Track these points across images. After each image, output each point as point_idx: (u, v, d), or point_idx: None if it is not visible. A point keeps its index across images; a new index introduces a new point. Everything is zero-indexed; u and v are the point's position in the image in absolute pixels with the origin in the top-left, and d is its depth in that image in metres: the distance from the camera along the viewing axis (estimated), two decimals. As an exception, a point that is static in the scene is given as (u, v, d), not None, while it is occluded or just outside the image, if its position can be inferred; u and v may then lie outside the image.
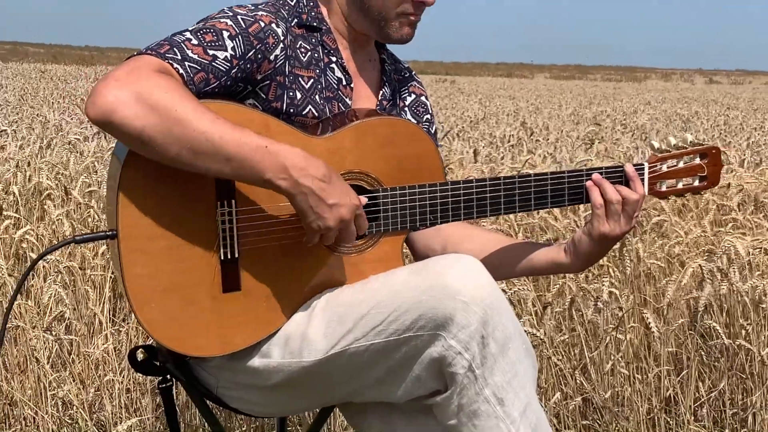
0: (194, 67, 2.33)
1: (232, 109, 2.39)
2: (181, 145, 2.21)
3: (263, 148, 2.24)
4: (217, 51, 2.37)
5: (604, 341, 4.17)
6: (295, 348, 2.44)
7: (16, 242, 4.81)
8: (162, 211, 2.33)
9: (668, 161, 2.79)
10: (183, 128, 2.19)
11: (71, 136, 9.33)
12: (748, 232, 5.17)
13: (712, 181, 2.85)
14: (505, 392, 2.32)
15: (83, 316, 4.31)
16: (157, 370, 2.65)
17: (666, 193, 2.81)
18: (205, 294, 2.41)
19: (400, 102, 2.85)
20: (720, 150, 2.85)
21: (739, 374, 4.17)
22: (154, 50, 2.31)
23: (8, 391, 4.04)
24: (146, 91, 2.19)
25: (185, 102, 2.21)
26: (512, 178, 2.64)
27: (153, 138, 2.20)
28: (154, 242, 2.35)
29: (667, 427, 4.14)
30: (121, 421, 4.00)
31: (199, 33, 2.37)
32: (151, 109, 2.18)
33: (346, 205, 2.33)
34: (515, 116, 21.06)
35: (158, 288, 2.36)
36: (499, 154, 9.68)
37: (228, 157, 2.22)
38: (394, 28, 2.63)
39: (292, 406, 2.73)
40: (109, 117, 2.18)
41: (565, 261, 2.73)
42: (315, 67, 2.59)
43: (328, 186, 2.29)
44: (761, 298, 4.15)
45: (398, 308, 2.31)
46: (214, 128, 2.21)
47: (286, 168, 2.25)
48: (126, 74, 2.23)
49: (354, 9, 2.64)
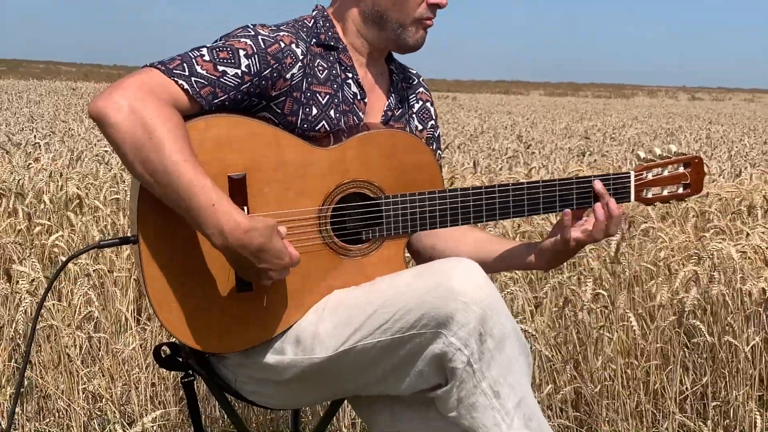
0: (201, 82, 2.33)
1: (240, 122, 2.40)
2: (144, 168, 2.23)
3: (211, 206, 2.23)
4: (227, 67, 2.36)
5: (594, 338, 4.16)
6: (307, 345, 2.44)
7: (49, 247, 4.81)
8: (180, 219, 2.33)
9: (653, 170, 2.78)
10: (151, 154, 2.21)
11: (99, 149, 9.33)
12: (728, 238, 5.16)
13: (696, 188, 2.84)
14: (501, 386, 2.33)
15: (111, 315, 4.31)
16: (180, 366, 2.66)
17: (652, 200, 2.80)
18: (220, 295, 2.41)
19: (409, 109, 2.85)
20: (702, 159, 2.85)
21: (721, 370, 4.16)
22: (164, 66, 2.32)
23: (42, 385, 4.04)
24: (141, 108, 2.22)
25: (166, 132, 2.22)
26: (506, 185, 2.63)
27: (126, 152, 2.23)
28: (172, 248, 2.36)
29: (653, 418, 4.13)
30: (146, 413, 4.00)
31: (215, 50, 2.38)
32: (137, 127, 2.20)
33: (277, 270, 2.33)
34: (512, 130, 21.06)
35: (177, 290, 2.37)
36: (497, 166, 9.69)
37: (179, 198, 2.23)
38: (410, 33, 2.63)
39: (304, 399, 2.73)
40: (102, 118, 2.22)
41: (535, 263, 2.74)
42: (332, 83, 2.59)
43: (262, 254, 2.28)
44: (743, 298, 4.15)
45: (403, 308, 2.31)
46: (177, 167, 2.21)
47: (223, 231, 2.23)
48: (135, 87, 2.25)
49: (370, 24, 2.64)
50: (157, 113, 2.22)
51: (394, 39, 2.65)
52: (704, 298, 4.22)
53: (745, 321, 4.14)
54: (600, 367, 4.13)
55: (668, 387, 4.11)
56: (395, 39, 2.65)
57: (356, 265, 2.55)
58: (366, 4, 2.62)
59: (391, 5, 2.59)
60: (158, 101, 2.25)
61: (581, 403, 4.17)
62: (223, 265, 2.39)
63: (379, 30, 2.64)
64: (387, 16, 2.61)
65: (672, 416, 4.06)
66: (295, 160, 2.43)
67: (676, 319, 4.18)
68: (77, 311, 4.17)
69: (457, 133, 18.62)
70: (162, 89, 2.28)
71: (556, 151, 13.66)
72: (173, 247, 2.36)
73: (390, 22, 2.62)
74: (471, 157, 11.05)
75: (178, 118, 2.27)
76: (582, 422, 4.14)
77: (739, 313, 4.15)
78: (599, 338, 4.15)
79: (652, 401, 4.14)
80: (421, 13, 2.62)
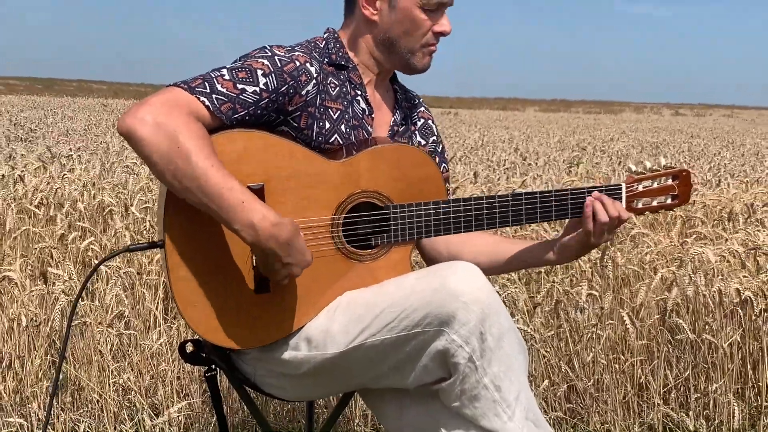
0: (221, 99, 2.34)
1: (258, 137, 2.41)
2: (174, 177, 2.24)
3: (240, 203, 2.25)
4: (246, 86, 2.38)
5: (586, 336, 4.16)
6: (320, 342, 2.45)
7: (82, 251, 4.82)
8: (203, 225, 2.35)
9: (644, 182, 2.79)
10: (180, 163, 2.22)
11: (129, 160, 9.33)
12: (710, 243, 5.16)
13: (683, 199, 2.84)
14: (501, 380, 2.33)
15: (140, 314, 4.32)
16: (203, 361, 2.66)
17: (642, 209, 2.80)
18: (240, 296, 2.43)
19: (412, 126, 2.87)
20: (690, 172, 2.85)
21: (702, 365, 4.16)
22: (187, 85, 2.34)
23: (76, 378, 4.05)
24: (166, 122, 2.23)
25: (192, 141, 2.23)
26: (505, 196, 2.64)
27: (156, 162, 2.24)
28: (196, 252, 2.37)
29: (639, 409, 4.13)
30: (172, 404, 4.00)
31: (234, 71, 2.40)
32: (163, 139, 2.22)
33: (300, 266, 2.35)
34: (509, 143, 21.01)
35: (200, 290, 2.38)
36: (496, 176, 9.67)
37: (209, 200, 2.24)
38: (418, 59, 2.68)
39: (318, 391, 2.74)
40: (130, 133, 2.23)
41: (552, 259, 2.77)
42: (343, 99, 2.61)
43: (288, 248, 2.29)
44: (722, 299, 4.15)
45: (408, 308, 2.32)
46: (205, 172, 2.23)
47: (253, 225, 2.25)
48: (159, 104, 2.26)
49: (382, 48, 2.67)
50: (182, 125, 2.24)
51: (404, 63, 2.69)
52: (685, 298, 4.22)
53: (723, 319, 4.14)
54: (591, 363, 4.13)
55: (653, 380, 4.11)
56: (405, 63, 2.69)
57: (365, 269, 2.56)
58: (379, 32, 2.65)
59: (402, 33, 2.63)
60: (182, 115, 2.26)
61: (573, 395, 4.16)
62: (243, 269, 2.41)
63: (389, 54, 2.68)
64: (397, 43, 2.65)
65: (657, 407, 4.06)
66: (309, 172, 2.44)
67: (660, 317, 4.18)
68: (109, 310, 4.18)
69: (458, 146, 18.57)
70: (185, 105, 2.30)
71: (550, 163, 13.63)
72: (197, 251, 2.37)
73: (400, 48, 2.65)
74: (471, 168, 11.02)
75: (201, 129, 2.29)
76: (574, 413, 4.14)
77: (718, 312, 4.15)
78: (590, 336, 4.16)
79: (638, 394, 4.15)
80: (427, 40, 2.66)
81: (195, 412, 4.04)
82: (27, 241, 5.12)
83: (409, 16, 2.61)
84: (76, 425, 3.97)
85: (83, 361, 4.08)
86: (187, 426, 4.03)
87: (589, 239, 2.67)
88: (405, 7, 2.61)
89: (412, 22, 2.62)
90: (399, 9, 2.61)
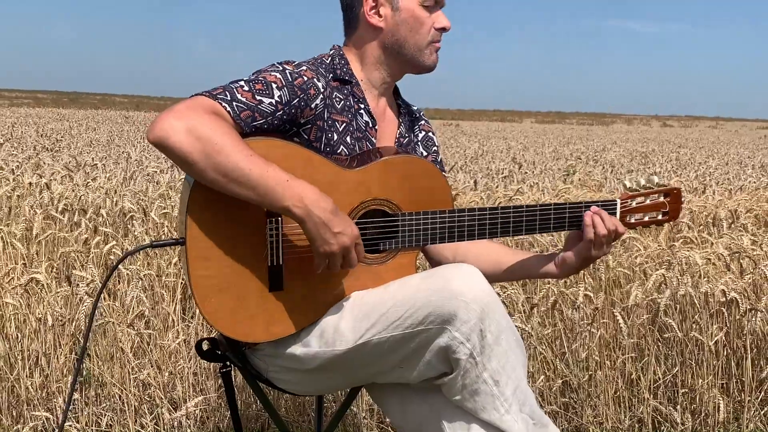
0: (241, 107, 2.35)
1: (279, 145, 2.42)
2: (217, 172, 2.24)
3: (284, 181, 2.27)
4: (264, 97, 2.39)
5: (580, 335, 4.16)
6: (329, 339, 2.45)
7: (105, 254, 4.82)
8: (221, 225, 2.36)
9: (637, 198, 2.79)
10: (220, 157, 2.23)
11: (149, 169, 9.36)
12: (696, 247, 5.16)
13: (673, 216, 2.84)
14: (500, 375, 2.34)
15: (159, 314, 4.32)
16: (218, 358, 2.67)
17: (634, 224, 2.80)
18: (254, 292, 2.43)
19: (414, 138, 2.87)
20: (681, 191, 2.85)
21: (689, 361, 4.15)
22: (209, 93, 2.35)
23: (99, 374, 4.05)
24: (195, 125, 2.23)
25: (225, 137, 2.24)
26: (507, 208, 2.65)
27: (195, 162, 2.24)
28: (214, 250, 2.37)
29: (630, 403, 4.12)
30: (189, 399, 4.00)
31: (251, 82, 2.40)
32: (197, 140, 2.22)
33: (348, 235, 2.34)
34: (507, 153, 21.03)
35: (217, 286, 2.39)
36: (494, 184, 9.67)
37: (254, 185, 2.25)
38: (426, 55, 2.68)
39: (327, 386, 2.73)
40: (164, 141, 2.23)
41: (555, 272, 2.74)
42: (347, 112, 2.61)
43: (335, 218, 2.31)
44: (708, 299, 4.14)
45: (412, 307, 2.32)
46: (245, 161, 2.24)
47: (302, 198, 2.27)
48: (184, 110, 2.27)
49: (390, 53, 2.68)
50: (211, 125, 2.25)
51: (414, 62, 2.69)
52: (674, 298, 4.22)
53: (709, 319, 4.14)
54: (584, 360, 4.12)
55: (643, 376, 4.10)
56: (414, 62, 2.69)
57: (373, 271, 2.56)
58: (386, 36, 2.66)
59: (408, 32, 2.64)
60: (208, 115, 2.27)
61: (568, 390, 4.16)
62: (259, 267, 2.42)
63: (398, 56, 2.68)
64: (406, 43, 2.65)
65: (646, 402, 4.05)
66: (324, 179, 2.44)
67: (650, 317, 4.17)
68: (130, 310, 4.18)
69: (459, 155, 18.59)
70: (209, 108, 2.31)
71: (545, 172, 13.64)
72: (215, 249, 2.38)
73: (408, 48, 2.66)
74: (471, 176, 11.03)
75: (228, 125, 2.30)
76: (568, 407, 4.14)
77: (705, 311, 4.15)
78: (584, 335, 4.15)
79: (629, 389, 4.14)
80: (432, 36, 2.67)
81: (211, 407, 4.04)
82: (53, 245, 5.12)
83: (412, 14, 2.63)
84: (99, 419, 3.97)
85: (106, 359, 4.08)
86: (203, 419, 4.03)
87: (590, 251, 2.66)
88: (407, 7, 2.63)
89: (415, 19, 2.64)
90: (402, 10, 2.63)
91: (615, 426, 4.07)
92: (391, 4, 2.64)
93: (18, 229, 5.25)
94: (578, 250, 2.68)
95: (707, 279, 4.37)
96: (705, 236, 5.40)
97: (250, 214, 2.39)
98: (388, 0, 2.64)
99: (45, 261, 4.82)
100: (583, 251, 2.67)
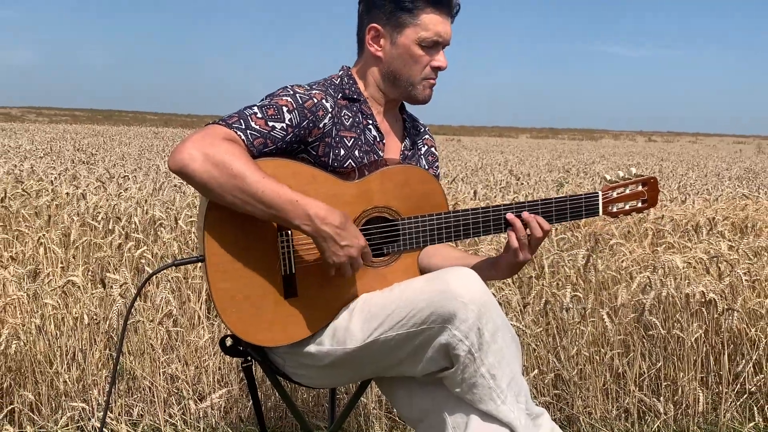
0: (254, 134, 2.36)
1: (284, 164, 2.42)
2: (233, 195, 2.26)
3: (294, 201, 2.28)
4: (275, 123, 2.40)
5: (571, 332, 4.16)
6: (341, 338, 2.46)
7: (136, 259, 4.83)
8: (237, 241, 2.37)
9: (617, 189, 2.79)
10: (236, 181, 2.24)
11: (177, 180, 9.36)
12: (677, 251, 5.15)
13: (651, 203, 2.84)
14: (496, 369, 2.34)
15: (186, 313, 4.33)
16: (240, 354, 2.67)
17: (617, 213, 2.80)
18: (271, 300, 2.43)
19: (418, 151, 2.88)
20: (657, 179, 2.85)
21: (671, 356, 4.15)
22: (224, 121, 2.36)
23: (131, 368, 4.05)
24: (212, 153, 2.24)
25: (240, 163, 2.25)
26: (498, 206, 2.62)
27: (213, 187, 2.25)
28: (232, 264, 2.38)
29: (617, 395, 4.12)
30: (214, 391, 4.01)
31: (264, 108, 2.41)
32: (214, 166, 2.23)
33: (355, 246, 2.37)
34: (505, 166, 20.99)
35: (236, 297, 2.39)
36: (492, 194, 9.65)
37: (268, 205, 2.27)
38: (419, 91, 2.68)
39: (339, 380, 2.73)
40: (183, 169, 2.24)
41: (494, 274, 2.68)
42: (356, 128, 2.62)
43: (343, 232, 2.33)
44: (689, 300, 4.14)
45: (416, 307, 2.33)
46: (260, 184, 2.25)
47: (310, 216, 2.29)
48: (200, 138, 2.27)
49: (387, 81, 2.69)
50: (227, 151, 2.26)
51: (407, 94, 2.70)
52: (657, 299, 4.21)
53: (690, 318, 4.13)
54: (575, 355, 4.12)
55: (629, 370, 4.10)
56: (407, 94, 2.70)
57: (379, 274, 2.57)
58: (383, 66, 2.67)
59: (402, 67, 2.64)
60: (223, 143, 2.28)
61: (559, 383, 4.15)
62: (274, 278, 2.42)
63: (393, 85, 2.69)
64: (400, 76, 2.65)
65: (632, 393, 4.04)
66: (329, 193, 2.45)
67: (636, 316, 4.17)
68: (159, 310, 4.19)
69: (461, 168, 18.57)
70: (224, 135, 2.32)
71: (539, 182, 13.61)
72: (233, 264, 2.38)
73: (402, 80, 2.66)
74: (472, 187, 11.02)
75: (242, 150, 2.31)
76: (560, 398, 4.13)
77: (686, 311, 4.14)
78: (574, 332, 4.15)
79: (616, 382, 4.13)
80: (426, 73, 2.66)
81: (234, 398, 4.04)
82: (88, 250, 5.13)
83: (408, 51, 2.63)
84: (131, 409, 3.98)
85: (137, 354, 4.09)
86: (227, 410, 4.03)
87: (517, 255, 2.61)
88: (404, 43, 2.62)
89: (411, 56, 2.63)
90: (399, 45, 2.63)
91: (603, 416, 4.07)
92: (390, 37, 2.64)
93: (57, 236, 5.27)
94: (506, 254, 2.64)
95: (688, 281, 4.36)
96: (686, 242, 5.39)
97: (263, 228, 2.40)
98: (388, 32, 2.64)
99: (81, 265, 4.82)
100: (510, 254, 2.63)
